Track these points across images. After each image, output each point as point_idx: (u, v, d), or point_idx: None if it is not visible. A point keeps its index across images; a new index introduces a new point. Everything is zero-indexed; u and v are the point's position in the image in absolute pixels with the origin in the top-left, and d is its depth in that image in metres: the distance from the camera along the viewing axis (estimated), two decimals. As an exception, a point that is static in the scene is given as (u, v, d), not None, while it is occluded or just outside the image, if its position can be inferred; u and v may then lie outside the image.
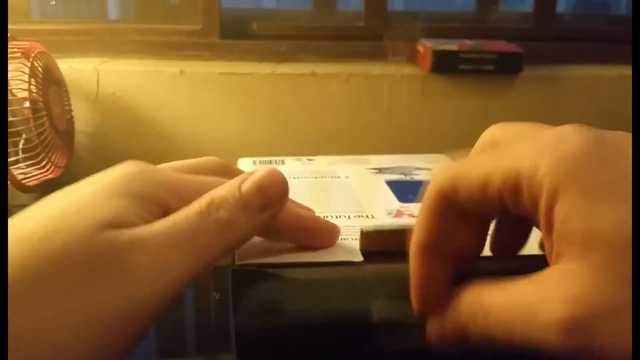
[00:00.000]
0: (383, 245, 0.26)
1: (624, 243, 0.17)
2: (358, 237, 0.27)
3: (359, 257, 0.26)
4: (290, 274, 0.25)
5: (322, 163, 0.44)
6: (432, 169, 0.23)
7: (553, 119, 1.21)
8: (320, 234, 0.27)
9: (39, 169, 0.83)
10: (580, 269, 0.17)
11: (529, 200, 0.19)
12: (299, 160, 0.45)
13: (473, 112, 1.07)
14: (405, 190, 0.37)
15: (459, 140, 1.14)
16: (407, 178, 0.40)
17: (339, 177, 0.41)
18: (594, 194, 0.18)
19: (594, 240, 0.17)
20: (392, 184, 0.39)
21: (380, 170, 0.42)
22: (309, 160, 0.45)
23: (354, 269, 0.26)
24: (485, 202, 0.21)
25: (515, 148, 0.20)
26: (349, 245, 0.27)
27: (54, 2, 1.28)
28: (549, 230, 0.19)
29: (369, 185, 0.39)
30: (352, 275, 0.26)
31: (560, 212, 0.18)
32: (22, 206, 0.25)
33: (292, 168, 0.43)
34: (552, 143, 0.19)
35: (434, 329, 0.22)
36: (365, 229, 0.26)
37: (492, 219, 0.23)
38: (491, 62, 1.04)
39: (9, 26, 0.71)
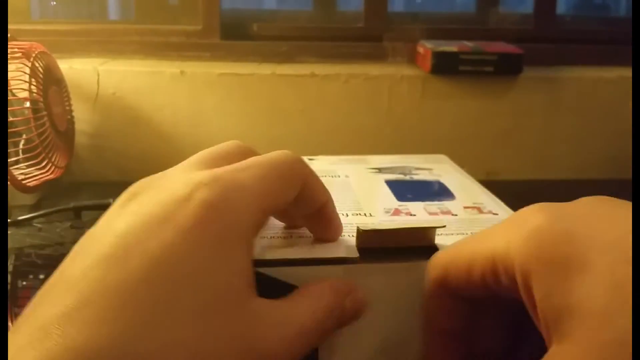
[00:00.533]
0: (379, 243, 0.27)
1: (600, 311, 0.17)
2: (354, 234, 0.27)
3: (355, 254, 0.26)
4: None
5: (324, 163, 0.44)
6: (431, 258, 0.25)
7: (553, 120, 1.22)
8: (333, 225, 0.28)
9: (39, 169, 0.83)
10: (576, 349, 0.17)
11: (508, 281, 0.20)
12: None
13: (473, 113, 1.07)
14: (405, 189, 0.38)
15: (459, 141, 1.15)
16: (407, 178, 0.41)
17: (339, 176, 0.41)
18: (561, 268, 0.18)
19: (575, 315, 0.17)
20: (391, 183, 0.39)
21: (380, 170, 0.42)
22: (310, 160, 0.45)
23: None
24: (473, 286, 0.22)
25: (492, 231, 0.22)
26: (346, 241, 0.27)
27: (54, 3, 1.28)
28: (533, 307, 0.19)
29: (368, 184, 0.39)
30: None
31: (537, 291, 0.19)
32: (22, 207, 0.24)
33: None
34: (518, 223, 0.20)
35: None
36: (362, 227, 0.27)
37: (487, 304, 0.23)
38: (491, 63, 1.04)
39: (10, 26, 0.71)
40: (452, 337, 0.24)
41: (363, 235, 0.27)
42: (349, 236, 0.28)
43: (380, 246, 0.27)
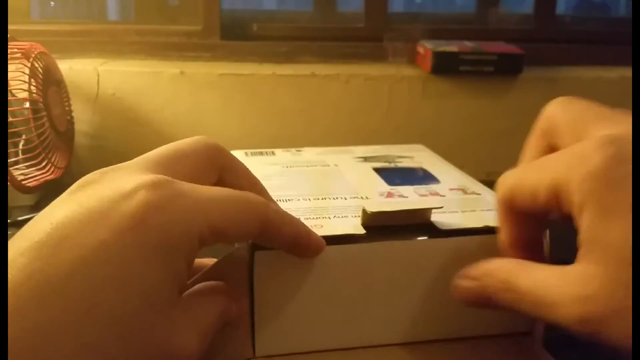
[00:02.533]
0: (382, 222, 0.30)
1: (629, 255, 0.20)
2: (358, 214, 0.31)
3: (361, 231, 0.29)
4: None
5: (311, 153, 0.47)
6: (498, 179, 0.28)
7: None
8: (309, 247, 0.28)
9: (39, 169, 0.83)
10: (595, 272, 0.21)
11: (567, 209, 0.23)
12: (288, 151, 0.48)
13: (473, 113, 1.07)
14: (392, 176, 0.41)
15: (459, 141, 1.15)
16: (392, 165, 0.44)
17: (329, 165, 0.43)
18: (609, 211, 0.21)
19: (607, 251, 0.21)
20: (379, 171, 0.42)
21: (365, 159, 0.45)
22: (298, 151, 0.48)
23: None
24: (540, 210, 0.25)
25: (556, 161, 0.24)
26: (351, 222, 0.30)
27: (54, 3, 1.28)
28: (580, 233, 0.22)
29: (358, 172, 0.42)
30: None
31: (584, 224, 0.22)
32: (22, 207, 0.24)
33: (283, 159, 0.46)
34: (578, 161, 0.23)
35: (463, 284, 0.26)
36: (368, 209, 0.29)
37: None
38: (491, 63, 1.04)
39: (9, 27, 0.71)
40: (524, 248, 0.27)
41: (369, 215, 0.29)
42: (352, 217, 0.31)
43: (383, 224, 0.30)
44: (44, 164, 0.83)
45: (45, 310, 0.18)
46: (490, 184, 0.42)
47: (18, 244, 0.20)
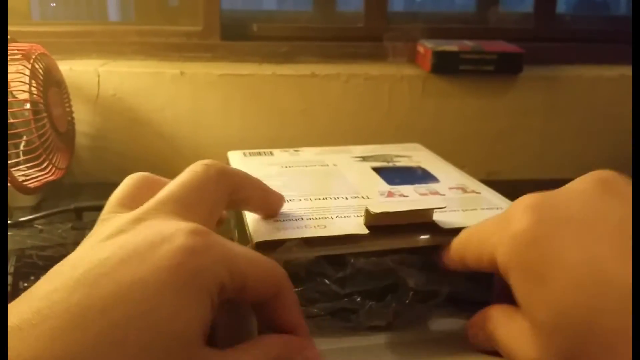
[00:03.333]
0: (385, 222, 0.30)
1: (555, 322, 0.21)
2: (360, 214, 0.31)
3: (364, 231, 0.29)
4: None
5: (309, 153, 0.47)
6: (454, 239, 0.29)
7: (553, 119, 1.21)
8: (274, 203, 0.31)
9: (40, 170, 0.83)
10: (533, 337, 0.22)
11: (501, 273, 0.24)
12: (286, 151, 0.48)
13: (473, 113, 1.07)
14: (391, 175, 0.41)
15: (459, 141, 1.15)
16: (390, 164, 0.44)
17: (328, 165, 0.43)
18: (531, 274, 0.22)
19: (536, 316, 0.22)
20: (377, 170, 0.42)
21: (364, 159, 0.45)
22: (296, 151, 0.48)
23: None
24: (484, 268, 0.26)
25: (490, 224, 0.26)
26: (354, 221, 0.31)
27: (54, 4, 1.28)
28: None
29: (357, 171, 0.42)
30: None
31: (512, 287, 0.23)
32: (23, 208, 0.24)
33: (281, 159, 0.45)
34: (506, 222, 0.24)
35: (469, 332, 0.28)
36: (371, 210, 0.30)
37: None
38: (491, 62, 1.04)
39: (10, 28, 0.71)
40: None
41: (373, 216, 0.30)
42: (354, 216, 0.31)
43: (385, 224, 0.30)
44: (45, 164, 0.83)
45: (78, 338, 0.18)
46: (490, 183, 0.42)
47: (52, 280, 0.20)
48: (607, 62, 1.12)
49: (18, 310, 0.19)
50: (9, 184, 0.76)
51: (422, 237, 0.30)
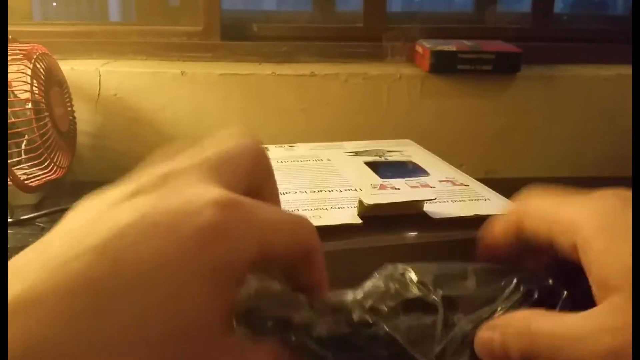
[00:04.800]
0: (378, 212, 0.31)
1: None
2: (354, 205, 0.32)
3: (357, 220, 0.31)
4: None
5: (303, 149, 0.48)
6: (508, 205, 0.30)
7: (551, 118, 1.22)
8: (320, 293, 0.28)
9: (42, 169, 0.84)
10: (620, 304, 0.22)
11: (570, 245, 0.25)
12: (281, 147, 0.49)
13: (472, 112, 1.07)
14: (383, 169, 0.42)
15: (458, 140, 1.15)
16: (382, 159, 0.45)
17: (322, 159, 0.45)
18: (622, 237, 0.23)
19: (626, 277, 0.22)
20: (370, 164, 0.43)
21: (356, 154, 0.47)
22: (291, 147, 0.49)
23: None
24: (541, 241, 0.26)
25: (570, 203, 0.26)
26: (348, 212, 0.32)
27: (56, 4, 1.29)
28: (588, 267, 0.24)
29: (350, 166, 0.43)
30: None
31: (592, 254, 0.24)
32: (24, 206, 0.24)
33: (277, 154, 0.46)
34: (587, 199, 0.25)
35: (484, 335, 0.26)
36: (364, 201, 0.31)
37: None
38: (489, 62, 1.04)
39: (11, 28, 0.72)
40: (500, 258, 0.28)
41: (366, 207, 0.31)
42: (348, 207, 0.33)
43: (378, 215, 0.31)
44: (46, 163, 0.84)
45: (96, 321, 0.17)
46: (489, 181, 0.43)
47: (69, 242, 0.19)
48: (604, 62, 1.13)
49: (34, 274, 0.18)
50: (10, 183, 0.76)
51: (412, 233, 0.31)
